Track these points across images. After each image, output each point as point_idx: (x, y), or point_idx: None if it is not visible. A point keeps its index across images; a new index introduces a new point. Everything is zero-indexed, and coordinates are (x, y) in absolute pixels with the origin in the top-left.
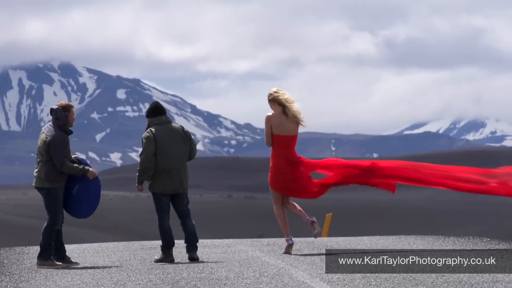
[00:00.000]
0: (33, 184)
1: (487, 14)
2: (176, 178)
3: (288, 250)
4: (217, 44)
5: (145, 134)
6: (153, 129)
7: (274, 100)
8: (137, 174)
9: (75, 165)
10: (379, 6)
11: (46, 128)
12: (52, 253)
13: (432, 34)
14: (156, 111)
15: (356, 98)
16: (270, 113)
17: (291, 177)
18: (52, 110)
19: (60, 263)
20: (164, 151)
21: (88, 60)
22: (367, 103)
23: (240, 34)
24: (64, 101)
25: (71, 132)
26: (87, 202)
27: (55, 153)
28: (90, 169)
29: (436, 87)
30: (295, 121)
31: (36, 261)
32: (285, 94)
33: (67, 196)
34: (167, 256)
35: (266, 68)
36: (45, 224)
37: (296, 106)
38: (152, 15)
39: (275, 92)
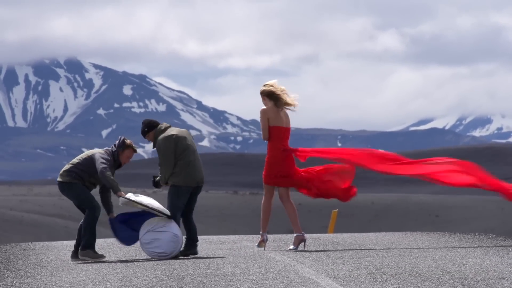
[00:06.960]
0: (57, 180)
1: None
2: (199, 169)
3: (261, 245)
4: (240, 41)
5: (163, 138)
6: (169, 132)
7: (267, 94)
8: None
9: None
10: (406, 4)
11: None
12: (93, 243)
13: (455, 32)
14: (152, 124)
15: (370, 93)
16: (264, 107)
17: (285, 168)
18: (120, 137)
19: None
20: (186, 147)
21: (104, 57)
22: (381, 98)
23: (265, 31)
24: (132, 143)
25: (119, 166)
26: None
27: (97, 162)
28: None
29: (451, 82)
30: (287, 111)
31: (71, 254)
32: (276, 86)
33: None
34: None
35: (284, 64)
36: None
37: (288, 97)
38: (179, 12)
39: (271, 85)
